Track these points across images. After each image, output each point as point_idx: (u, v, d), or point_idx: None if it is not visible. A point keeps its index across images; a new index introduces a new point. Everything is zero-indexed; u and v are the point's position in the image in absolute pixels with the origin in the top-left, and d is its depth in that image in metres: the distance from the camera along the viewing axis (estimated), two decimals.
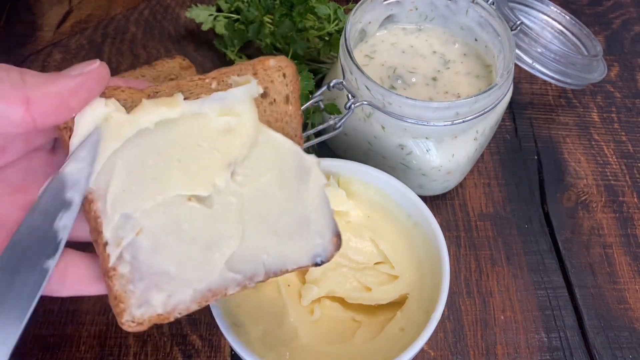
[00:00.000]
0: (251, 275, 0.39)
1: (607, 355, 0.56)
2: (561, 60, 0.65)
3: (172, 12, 0.82)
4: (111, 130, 0.35)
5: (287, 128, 0.41)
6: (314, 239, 0.40)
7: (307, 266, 0.40)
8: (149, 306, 0.36)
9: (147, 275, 0.36)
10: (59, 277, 0.35)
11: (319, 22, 0.70)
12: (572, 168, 0.70)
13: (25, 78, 0.31)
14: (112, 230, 0.36)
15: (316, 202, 0.40)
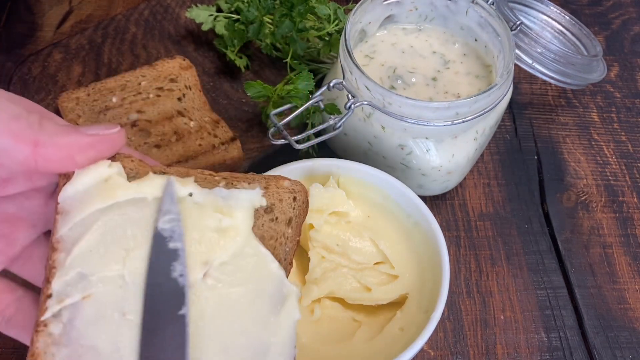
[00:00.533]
0: None
1: (607, 355, 0.56)
2: (561, 60, 0.65)
3: (172, 12, 0.82)
4: (105, 189, 0.35)
5: (279, 249, 0.40)
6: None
7: None
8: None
9: (74, 344, 0.34)
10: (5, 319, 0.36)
11: (319, 22, 0.70)
12: (572, 168, 0.70)
13: (43, 123, 0.32)
14: (62, 284, 0.34)
15: (282, 336, 0.37)
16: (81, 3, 0.83)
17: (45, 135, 0.31)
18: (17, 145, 0.31)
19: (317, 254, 0.51)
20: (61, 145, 0.32)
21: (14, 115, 0.31)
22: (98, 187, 0.35)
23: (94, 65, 0.75)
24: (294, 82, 0.59)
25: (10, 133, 0.31)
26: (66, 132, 0.32)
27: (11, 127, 0.31)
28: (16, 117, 0.31)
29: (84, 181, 0.34)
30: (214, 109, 0.69)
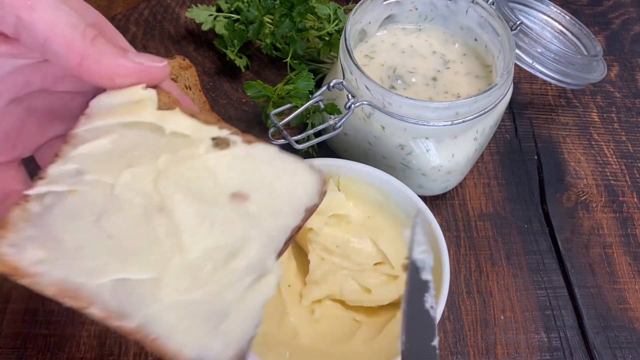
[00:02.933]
0: (120, 315, 0.33)
1: (607, 355, 0.56)
2: (561, 60, 0.65)
3: (172, 12, 0.82)
4: (132, 108, 0.36)
5: None
6: (213, 340, 0.34)
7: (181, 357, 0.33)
8: (19, 251, 0.33)
9: (44, 228, 0.33)
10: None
11: (319, 22, 0.70)
12: (572, 168, 0.70)
13: (97, 40, 0.34)
14: (57, 172, 0.35)
15: (247, 308, 0.34)
16: None
17: (94, 52, 0.34)
18: (66, 54, 0.33)
19: (317, 256, 0.51)
20: (105, 64, 0.34)
21: (72, 23, 0.33)
22: (127, 104, 0.36)
23: None
24: (294, 82, 0.59)
25: (63, 40, 0.33)
26: (114, 53, 0.34)
27: (65, 34, 0.33)
28: (73, 26, 0.33)
29: (117, 96, 0.36)
30: (214, 109, 0.69)
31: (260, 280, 0.35)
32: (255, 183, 0.37)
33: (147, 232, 0.34)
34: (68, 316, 0.56)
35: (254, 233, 0.36)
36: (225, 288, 0.34)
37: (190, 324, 0.33)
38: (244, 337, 0.34)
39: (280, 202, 0.37)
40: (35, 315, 0.56)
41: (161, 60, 0.36)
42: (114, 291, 0.33)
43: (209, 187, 0.36)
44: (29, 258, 0.33)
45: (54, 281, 0.33)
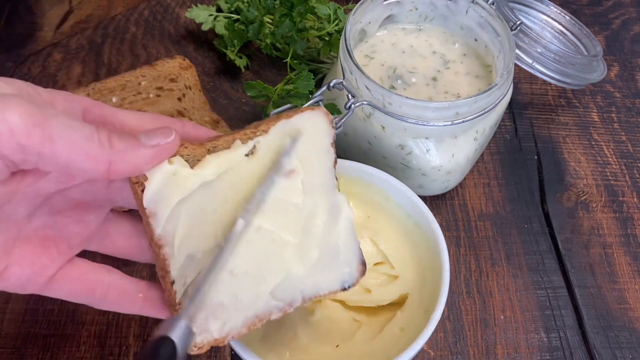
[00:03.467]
0: (290, 302, 0.43)
1: (607, 355, 0.56)
2: (561, 60, 0.65)
3: (172, 12, 0.82)
4: (176, 183, 0.38)
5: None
6: (342, 268, 0.45)
7: (337, 291, 0.45)
8: (207, 333, 0.40)
9: (205, 307, 0.40)
10: (101, 294, 0.40)
11: (319, 22, 0.70)
12: (572, 168, 0.70)
13: (112, 141, 0.34)
14: (178, 270, 0.39)
15: (345, 235, 0.44)
16: (81, 3, 0.83)
17: (117, 155, 0.34)
18: (95, 167, 0.34)
19: None
20: (130, 162, 0.35)
21: (87, 136, 0.33)
22: (169, 183, 0.38)
23: (94, 65, 0.75)
24: (294, 82, 0.59)
25: (86, 156, 0.33)
26: (133, 147, 0.35)
27: (86, 149, 0.33)
28: (89, 139, 0.33)
29: (157, 183, 0.37)
30: (214, 109, 0.69)
31: (338, 213, 0.44)
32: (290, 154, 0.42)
33: (265, 250, 0.42)
34: (68, 316, 0.56)
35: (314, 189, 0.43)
36: (326, 238, 0.43)
37: (326, 274, 0.44)
38: (358, 252, 0.45)
39: (313, 152, 0.43)
40: (35, 315, 0.56)
41: (170, 133, 0.37)
42: (273, 295, 0.42)
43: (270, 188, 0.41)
44: (215, 330, 0.41)
45: (240, 327, 0.42)
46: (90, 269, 0.40)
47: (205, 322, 0.41)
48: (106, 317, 0.56)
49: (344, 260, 0.45)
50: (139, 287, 0.42)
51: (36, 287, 0.38)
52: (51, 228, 0.38)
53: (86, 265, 0.40)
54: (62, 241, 0.39)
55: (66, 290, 0.39)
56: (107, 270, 0.41)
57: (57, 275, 0.38)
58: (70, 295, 0.40)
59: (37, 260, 0.37)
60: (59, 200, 0.39)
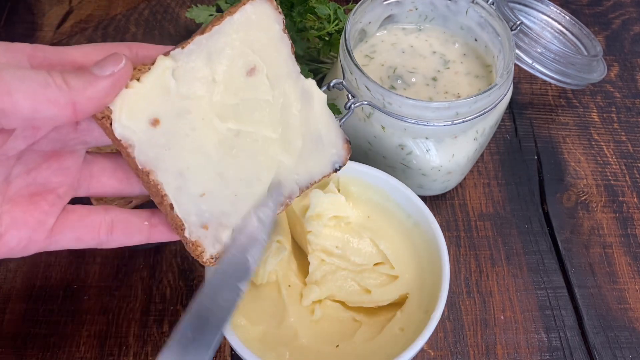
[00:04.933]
0: (289, 194, 0.45)
1: (607, 355, 0.56)
2: (561, 60, 0.65)
3: (172, 12, 0.82)
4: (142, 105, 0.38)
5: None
6: (329, 150, 0.47)
7: (330, 173, 0.47)
8: (220, 242, 0.42)
9: (211, 219, 0.41)
10: (106, 231, 0.40)
11: (319, 22, 0.70)
12: (572, 168, 0.70)
13: (69, 82, 0.34)
14: (174, 191, 0.39)
15: (323, 118, 0.46)
16: (81, 3, 0.83)
17: (78, 94, 0.34)
18: (60, 111, 0.33)
19: (317, 257, 0.51)
20: (93, 97, 0.35)
21: (42, 82, 0.33)
22: (134, 107, 0.37)
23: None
24: None
25: (49, 102, 0.33)
26: (90, 83, 0.35)
27: (47, 96, 0.33)
28: (46, 85, 0.33)
29: (122, 111, 0.37)
30: None
31: (310, 98, 0.45)
32: (249, 54, 0.42)
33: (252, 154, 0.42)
34: (68, 316, 0.56)
35: (280, 80, 0.43)
36: (305, 125, 0.45)
37: (315, 159, 0.46)
38: (339, 131, 0.47)
39: (267, 43, 0.42)
40: (35, 315, 0.56)
41: (120, 59, 0.36)
42: (271, 192, 0.44)
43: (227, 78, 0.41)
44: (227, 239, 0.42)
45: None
46: (87, 211, 0.40)
47: (215, 232, 0.41)
48: (106, 317, 0.56)
49: (328, 142, 0.46)
50: (142, 216, 0.42)
51: (40, 245, 0.38)
52: (33, 185, 0.38)
53: (82, 209, 0.40)
54: (48, 193, 0.38)
55: (70, 238, 0.39)
56: (105, 208, 0.41)
57: (56, 226, 0.38)
58: (77, 242, 0.40)
59: (30, 217, 0.37)
60: (31, 156, 0.38)
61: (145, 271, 0.59)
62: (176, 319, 0.56)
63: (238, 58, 0.41)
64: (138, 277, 0.58)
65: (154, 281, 0.58)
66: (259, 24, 0.42)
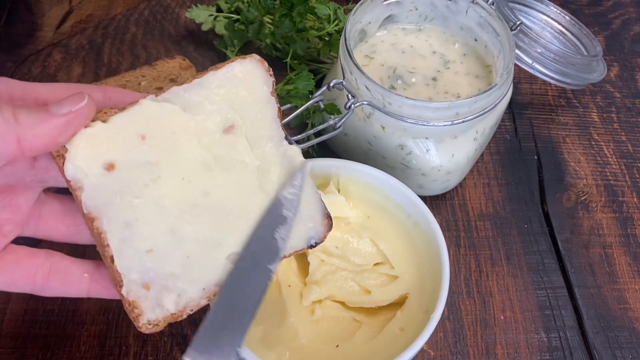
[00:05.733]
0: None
1: (607, 355, 0.56)
2: (561, 60, 0.65)
3: (172, 12, 0.82)
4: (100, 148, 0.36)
5: None
6: (306, 223, 0.43)
7: (303, 249, 0.43)
8: (162, 308, 0.38)
9: (155, 279, 0.38)
10: (42, 278, 0.38)
11: (319, 22, 0.70)
12: (571, 168, 0.70)
13: (18, 117, 0.33)
14: (117, 242, 0.37)
15: (304, 188, 0.42)
16: (81, 3, 0.83)
17: (25, 130, 0.33)
18: (3, 145, 0.33)
19: (317, 257, 0.51)
20: (42, 134, 0.34)
21: None
22: (91, 150, 0.36)
23: (94, 65, 0.75)
24: (294, 82, 0.59)
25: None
26: (42, 119, 0.34)
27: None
28: None
29: (77, 152, 0.36)
30: None
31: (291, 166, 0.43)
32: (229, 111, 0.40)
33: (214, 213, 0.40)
34: (68, 316, 0.56)
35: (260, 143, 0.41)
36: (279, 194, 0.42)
37: None
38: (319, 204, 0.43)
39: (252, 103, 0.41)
40: (35, 315, 0.56)
41: (82, 98, 0.35)
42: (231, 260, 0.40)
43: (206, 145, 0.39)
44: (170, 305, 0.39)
45: (198, 298, 0.39)
46: (27, 253, 0.38)
47: (157, 296, 0.38)
48: (106, 317, 0.56)
49: (306, 215, 0.42)
50: (83, 267, 0.40)
51: None
52: None
53: (22, 251, 0.39)
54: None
55: (4, 281, 0.37)
56: (47, 253, 0.39)
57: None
58: (10, 285, 0.38)
59: None
60: None
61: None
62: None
63: (216, 114, 0.39)
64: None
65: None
66: (246, 83, 0.40)
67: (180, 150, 0.38)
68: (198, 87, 0.39)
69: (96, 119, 0.37)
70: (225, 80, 0.40)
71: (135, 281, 0.38)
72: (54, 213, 0.40)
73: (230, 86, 0.40)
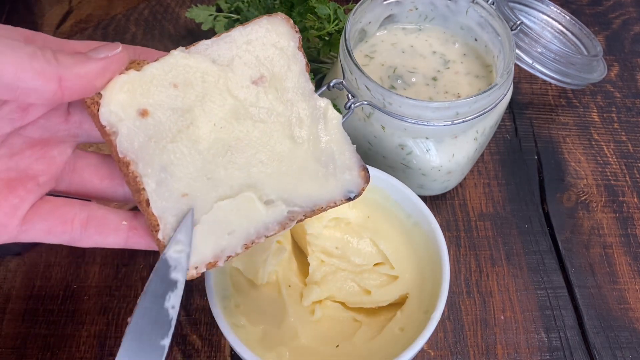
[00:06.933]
0: (290, 215, 0.40)
1: (607, 355, 0.56)
2: (561, 60, 0.65)
3: (172, 12, 0.82)
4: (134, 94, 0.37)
5: None
6: (341, 175, 0.42)
7: (341, 202, 0.42)
8: (199, 254, 0.38)
9: (195, 226, 0.38)
10: (80, 226, 0.38)
11: (319, 22, 0.70)
12: (572, 168, 0.70)
13: (59, 57, 0.33)
14: (153, 185, 0.37)
15: (337, 140, 0.42)
16: (81, 3, 0.83)
17: (66, 69, 0.33)
18: (45, 84, 0.33)
19: (317, 258, 0.51)
20: (81, 75, 0.34)
21: (31, 54, 0.33)
22: (125, 95, 0.37)
23: None
24: None
25: (35, 73, 0.32)
26: (81, 61, 0.34)
27: (34, 66, 0.32)
28: (34, 56, 0.33)
29: (112, 97, 0.36)
30: None
31: (324, 117, 0.42)
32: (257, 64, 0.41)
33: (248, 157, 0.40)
34: (68, 316, 0.56)
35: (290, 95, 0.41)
36: (315, 145, 0.42)
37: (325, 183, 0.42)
38: (355, 156, 0.43)
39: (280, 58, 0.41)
40: (35, 315, 0.56)
41: (117, 45, 0.36)
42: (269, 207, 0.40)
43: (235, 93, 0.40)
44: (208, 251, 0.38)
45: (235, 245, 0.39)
46: (63, 202, 0.39)
47: (196, 241, 0.38)
48: (106, 317, 0.56)
49: (341, 166, 0.42)
50: (121, 215, 0.40)
51: (11, 233, 0.37)
52: (14, 170, 0.37)
53: (58, 200, 0.39)
54: (28, 180, 0.37)
55: (42, 229, 0.38)
56: (82, 203, 0.39)
57: (29, 214, 0.37)
58: (48, 234, 0.38)
59: (3, 201, 0.36)
60: (17, 141, 0.38)
61: (145, 271, 0.59)
62: (176, 318, 0.56)
63: (244, 66, 0.40)
64: (138, 277, 0.58)
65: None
66: (273, 38, 0.41)
67: (211, 99, 0.39)
68: (226, 41, 0.40)
69: (129, 68, 0.37)
70: (252, 35, 0.40)
71: (172, 224, 0.38)
72: (88, 167, 0.41)
73: (257, 41, 0.41)
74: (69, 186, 0.40)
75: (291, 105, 0.41)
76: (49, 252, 0.60)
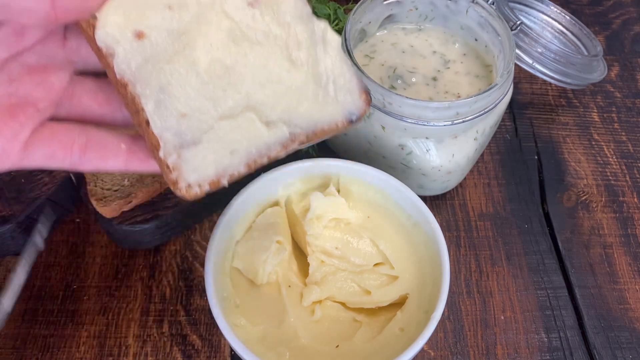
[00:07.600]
0: (292, 136, 0.40)
1: (607, 355, 0.56)
2: (561, 60, 0.65)
3: None
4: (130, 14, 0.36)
5: None
6: (343, 96, 0.41)
7: (343, 124, 0.41)
8: (201, 172, 0.38)
9: (196, 142, 0.38)
10: (79, 150, 0.39)
11: None
12: (572, 168, 0.70)
13: None
14: (152, 105, 0.37)
15: (337, 62, 0.41)
16: None
17: None
18: (38, 3, 0.33)
19: (317, 258, 0.51)
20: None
21: None
22: (122, 15, 0.36)
23: None
24: None
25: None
26: None
27: None
28: None
29: (108, 17, 0.36)
30: None
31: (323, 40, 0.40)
32: None
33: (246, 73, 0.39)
34: (68, 316, 0.56)
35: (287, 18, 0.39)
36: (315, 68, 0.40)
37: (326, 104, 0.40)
38: (355, 78, 0.41)
39: None
40: (35, 315, 0.56)
41: None
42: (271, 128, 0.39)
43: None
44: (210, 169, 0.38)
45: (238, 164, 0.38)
46: (62, 127, 0.39)
47: (198, 159, 0.38)
48: (106, 317, 0.56)
49: (342, 87, 0.41)
50: (120, 138, 0.40)
51: (13, 159, 0.37)
52: (13, 95, 0.37)
53: (57, 125, 0.39)
54: (28, 106, 0.37)
55: (43, 154, 0.38)
56: (81, 127, 0.39)
57: (30, 140, 0.37)
58: (49, 158, 0.38)
59: (4, 127, 0.36)
60: (14, 67, 0.38)
61: (145, 271, 0.59)
62: (176, 319, 0.56)
63: None
64: (138, 277, 0.58)
65: (153, 281, 0.58)
66: None
67: (207, 21, 0.39)
68: None
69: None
70: None
71: (172, 143, 0.37)
72: (87, 91, 0.40)
73: None
74: (69, 112, 0.41)
75: (288, 28, 0.40)
76: (48, 252, 0.60)
